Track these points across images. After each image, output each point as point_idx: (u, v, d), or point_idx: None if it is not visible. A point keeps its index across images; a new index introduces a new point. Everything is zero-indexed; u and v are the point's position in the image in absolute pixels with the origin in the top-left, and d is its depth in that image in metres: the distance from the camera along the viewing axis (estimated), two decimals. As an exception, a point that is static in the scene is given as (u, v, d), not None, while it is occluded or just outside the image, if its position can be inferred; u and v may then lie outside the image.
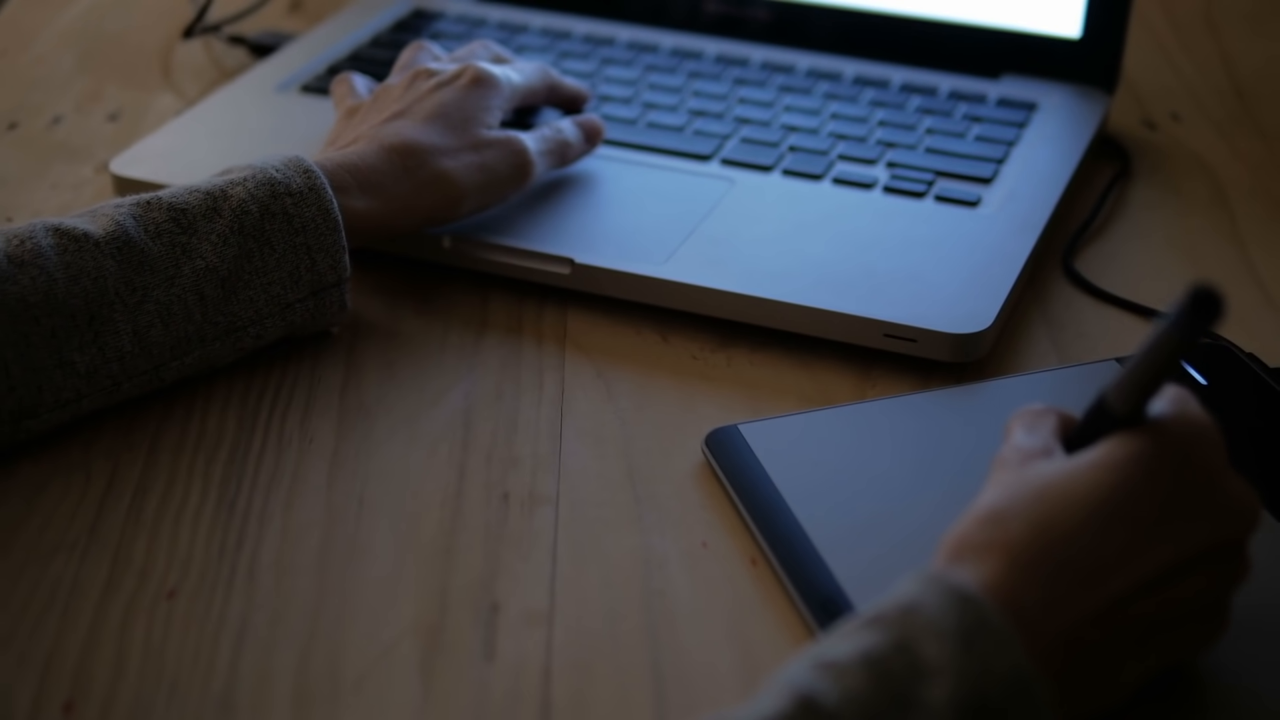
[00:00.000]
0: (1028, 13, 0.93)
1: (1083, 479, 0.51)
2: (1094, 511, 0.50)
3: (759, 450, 0.66)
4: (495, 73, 0.78)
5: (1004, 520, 0.50)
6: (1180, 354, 0.50)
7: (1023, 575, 0.49)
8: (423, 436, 0.68)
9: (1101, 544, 0.50)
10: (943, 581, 0.49)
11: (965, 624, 0.47)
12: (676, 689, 0.56)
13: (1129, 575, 0.50)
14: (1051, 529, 0.50)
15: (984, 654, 0.47)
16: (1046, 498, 0.51)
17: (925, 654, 0.47)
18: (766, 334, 0.74)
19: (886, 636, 0.47)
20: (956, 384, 0.71)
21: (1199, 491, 0.51)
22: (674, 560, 0.62)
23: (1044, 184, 0.83)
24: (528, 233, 0.77)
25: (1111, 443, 0.52)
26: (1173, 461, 0.51)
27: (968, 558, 0.50)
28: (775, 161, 0.84)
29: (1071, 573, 0.49)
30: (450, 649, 0.58)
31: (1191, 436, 0.52)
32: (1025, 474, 0.52)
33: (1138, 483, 0.51)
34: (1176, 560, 0.51)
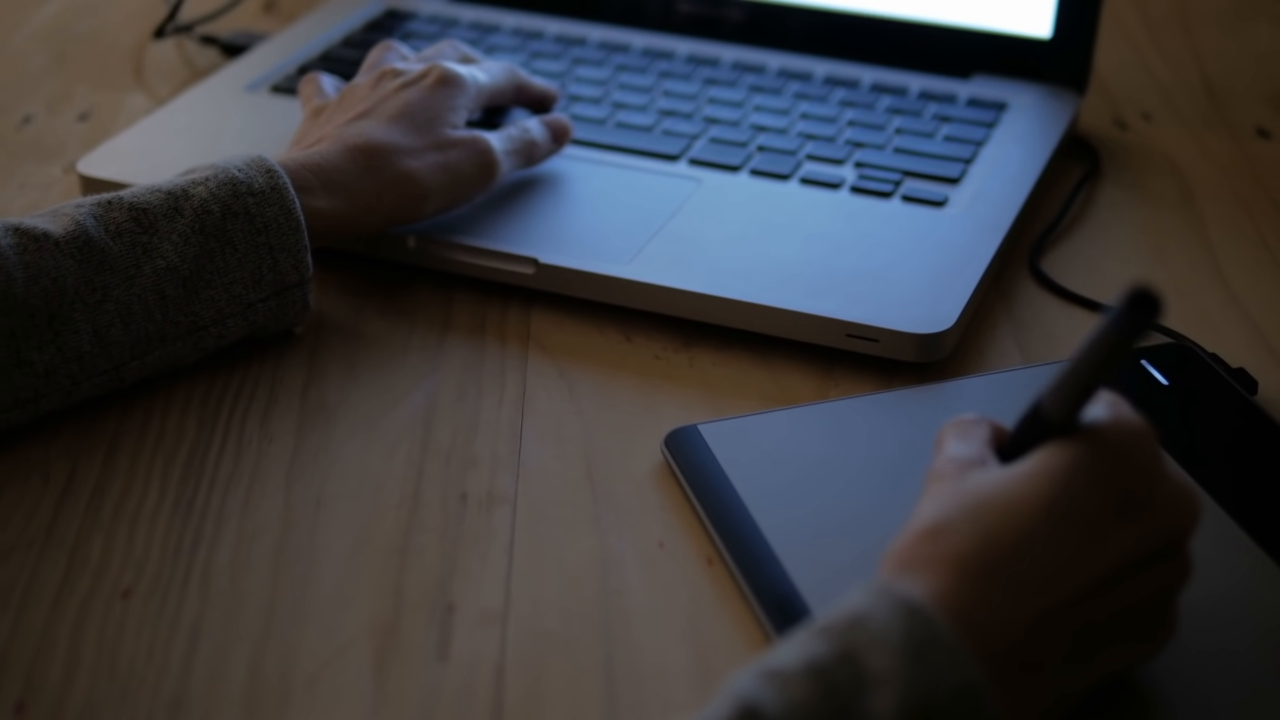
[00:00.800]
0: (999, 13, 0.93)
1: (1024, 488, 0.51)
2: (1039, 521, 0.50)
3: (718, 450, 0.66)
4: (461, 73, 0.78)
5: (948, 533, 0.50)
6: (1117, 359, 0.49)
7: (972, 587, 0.49)
8: (383, 437, 0.68)
9: (1048, 553, 0.49)
10: (891, 593, 0.48)
11: (914, 636, 0.47)
12: (629, 689, 0.56)
13: (1076, 582, 0.50)
14: (998, 540, 0.49)
15: (933, 667, 0.46)
16: (989, 509, 0.50)
17: (872, 665, 0.46)
18: (730, 334, 0.74)
19: (833, 647, 0.47)
20: (919, 384, 0.71)
21: (1139, 494, 0.51)
22: (630, 560, 0.62)
23: (1011, 184, 0.83)
24: (492, 233, 0.77)
25: (1048, 451, 0.51)
26: (1111, 466, 0.51)
27: (914, 570, 0.50)
28: (743, 161, 0.84)
29: (1020, 583, 0.49)
30: (404, 649, 0.58)
31: (1127, 440, 0.52)
32: (963, 485, 0.52)
33: (1078, 490, 0.50)
34: (1121, 564, 0.50)
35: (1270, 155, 0.93)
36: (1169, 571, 0.53)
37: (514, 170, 0.80)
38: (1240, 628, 0.57)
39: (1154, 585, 0.52)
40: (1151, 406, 0.67)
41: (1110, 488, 0.51)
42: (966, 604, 0.49)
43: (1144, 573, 0.51)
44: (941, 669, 0.46)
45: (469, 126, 0.79)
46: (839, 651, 0.47)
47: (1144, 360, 0.71)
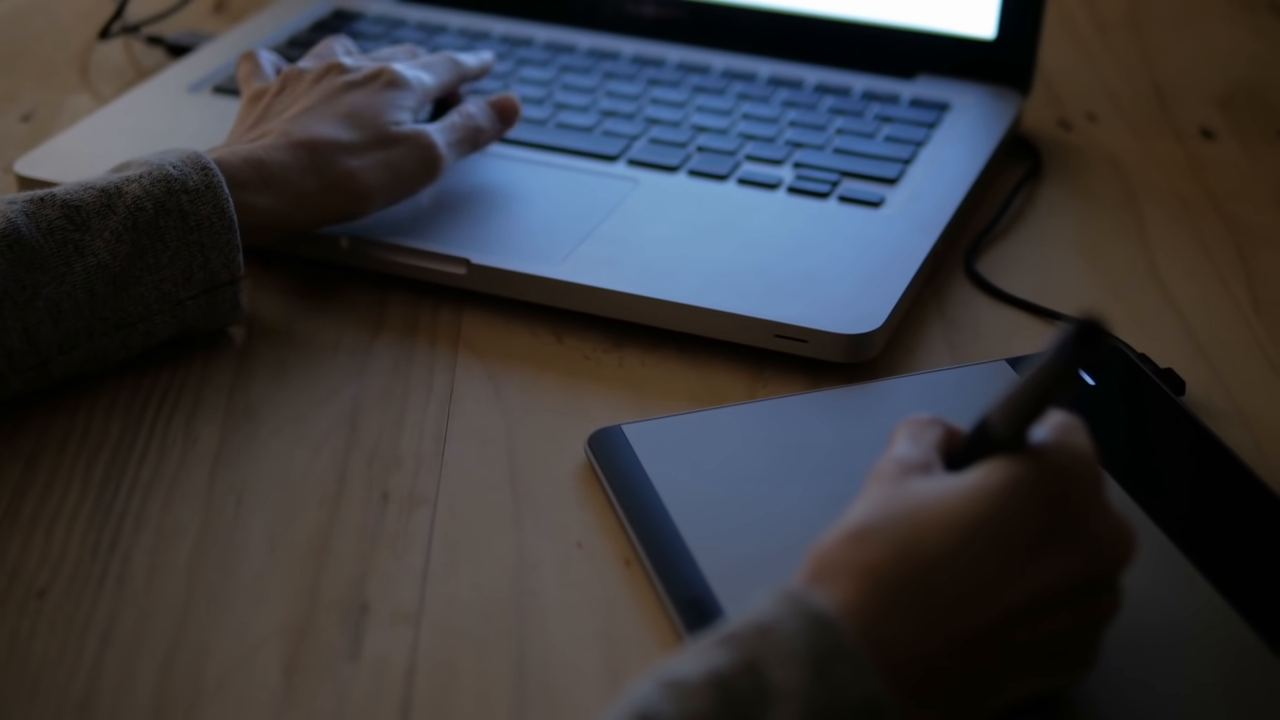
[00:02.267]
0: (943, 13, 0.93)
1: (955, 503, 0.50)
2: (963, 538, 0.49)
3: (640, 450, 0.66)
4: (408, 75, 0.78)
5: (870, 539, 0.49)
6: (1064, 383, 0.49)
7: (884, 600, 0.48)
8: (307, 437, 0.68)
9: (968, 572, 0.48)
10: (800, 602, 0.47)
11: (819, 649, 0.46)
12: (539, 689, 0.56)
13: (995, 606, 0.49)
14: (918, 553, 0.48)
15: (836, 680, 0.46)
16: (916, 519, 0.49)
17: (775, 677, 0.45)
18: (661, 335, 0.74)
19: (737, 657, 0.46)
20: (848, 384, 0.71)
21: (1073, 524, 0.50)
22: (548, 561, 0.62)
23: (948, 185, 0.83)
24: (426, 233, 0.77)
25: (989, 467, 0.50)
26: (1048, 492, 0.50)
27: (829, 577, 0.49)
28: (681, 162, 0.84)
29: (935, 600, 0.48)
30: (316, 650, 0.58)
31: (1070, 468, 0.51)
32: (898, 491, 0.51)
33: (1011, 511, 0.49)
34: (1046, 593, 0.49)
35: (1213, 155, 0.93)
36: (1094, 607, 0.51)
37: (460, 158, 0.80)
38: (1157, 631, 0.57)
39: (1079, 618, 0.51)
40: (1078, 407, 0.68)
41: (1044, 514, 0.50)
42: (878, 617, 0.48)
43: (1071, 605, 0.50)
44: (845, 683, 0.46)
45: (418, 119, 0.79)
46: (742, 662, 0.46)
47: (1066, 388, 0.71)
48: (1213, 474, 0.65)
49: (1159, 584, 0.59)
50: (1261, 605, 0.58)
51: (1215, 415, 0.71)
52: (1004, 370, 0.71)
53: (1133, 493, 0.63)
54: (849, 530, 0.50)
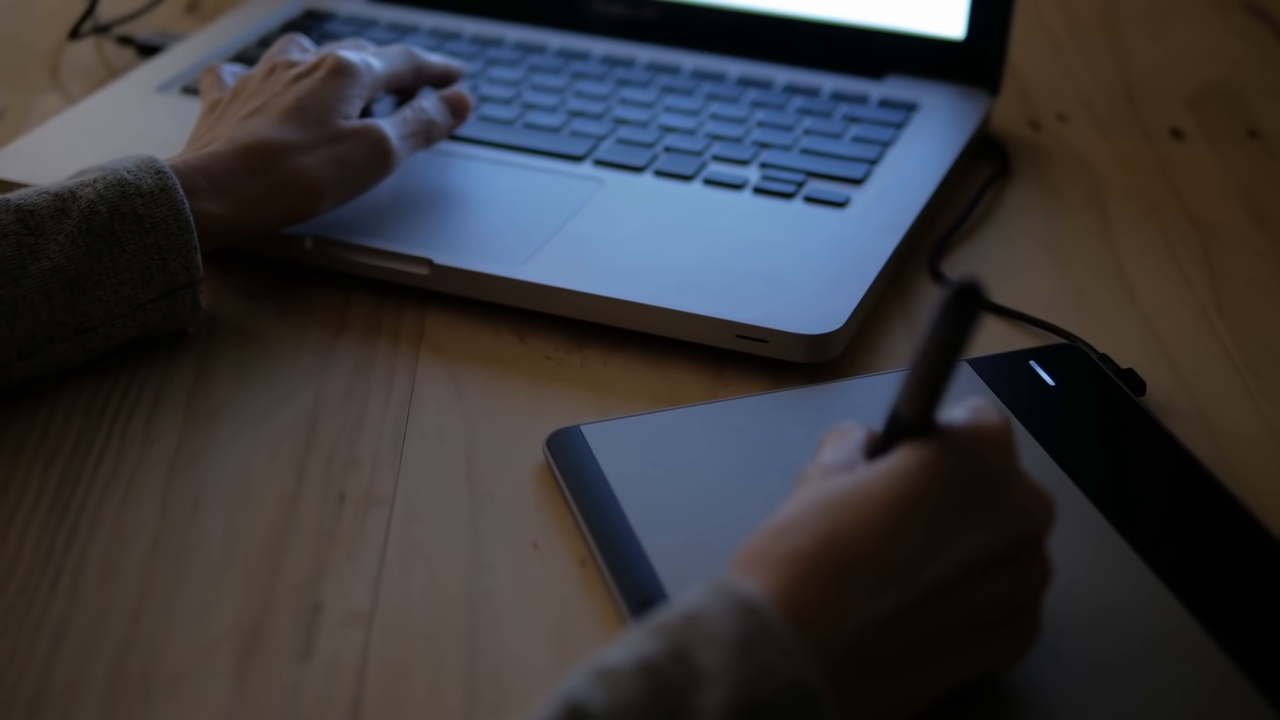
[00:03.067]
0: (912, 14, 0.93)
1: (871, 487, 0.50)
2: (881, 519, 0.49)
3: (598, 451, 0.66)
4: (354, 61, 0.78)
5: (793, 531, 0.50)
6: (952, 354, 0.49)
7: (809, 584, 0.49)
8: (266, 437, 0.68)
9: (889, 551, 0.49)
10: (728, 590, 0.48)
11: (746, 633, 0.47)
12: (489, 690, 0.56)
13: (919, 581, 0.49)
14: (840, 539, 0.49)
15: (764, 663, 0.46)
16: (836, 508, 0.50)
17: (703, 662, 0.46)
18: (624, 335, 0.74)
19: (665, 644, 0.47)
20: (809, 384, 0.71)
21: (988, 494, 0.51)
22: (503, 561, 0.62)
23: (914, 185, 0.83)
24: (389, 233, 0.77)
25: (901, 452, 0.51)
26: (961, 466, 0.51)
27: (756, 568, 0.49)
28: (648, 162, 0.84)
29: (858, 580, 0.49)
30: (268, 649, 0.58)
31: (980, 440, 0.52)
32: (821, 488, 0.52)
33: (926, 488, 0.50)
34: (969, 564, 0.50)
35: (1182, 156, 0.93)
36: (1025, 574, 0.52)
37: (413, 152, 0.80)
38: (1112, 634, 0.57)
39: (1009, 588, 0.51)
40: (1038, 407, 0.68)
41: (959, 488, 0.51)
42: (804, 601, 0.48)
43: (997, 575, 0.51)
44: (773, 665, 0.46)
45: (374, 113, 0.79)
46: (670, 649, 0.47)
47: (1032, 361, 0.71)
48: (1170, 475, 0.65)
49: (1110, 581, 0.59)
50: (1215, 607, 0.58)
51: (1176, 416, 0.71)
52: (965, 371, 0.71)
53: (1089, 493, 0.63)
54: (773, 527, 0.51)
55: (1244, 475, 0.67)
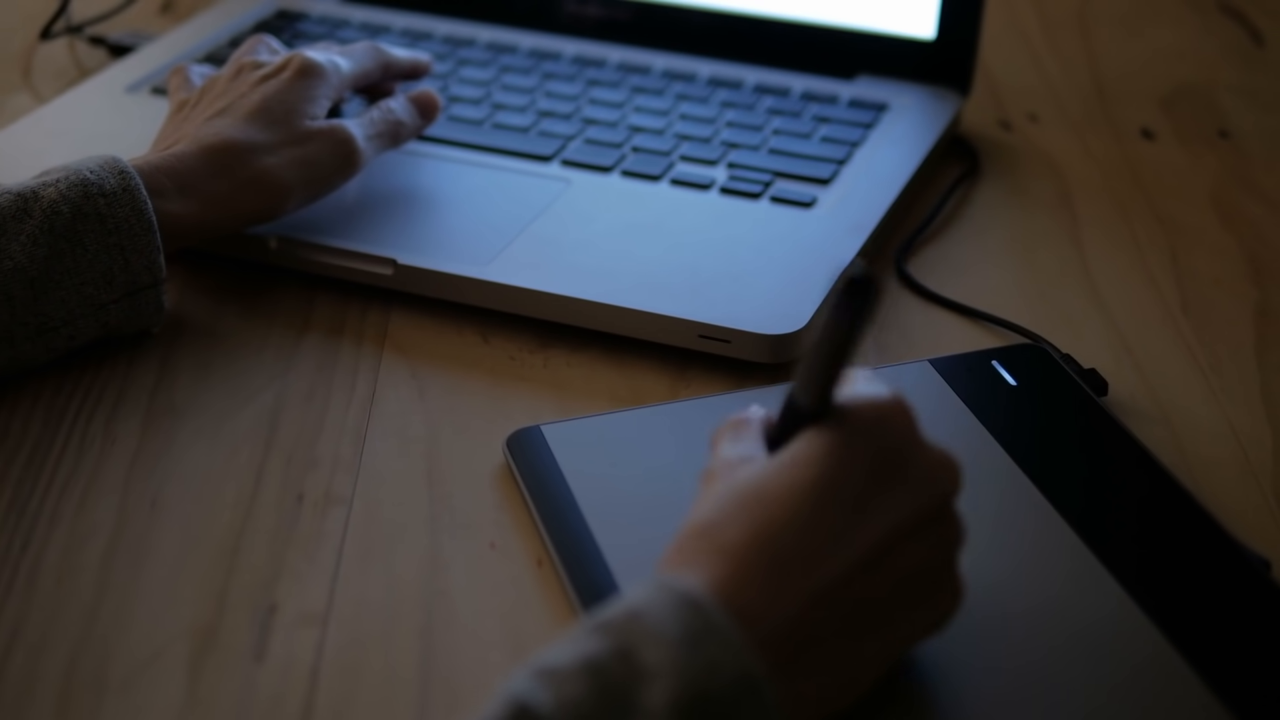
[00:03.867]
0: (883, 14, 0.94)
1: (784, 475, 0.51)
2: (800, 504, 0.50)
3: (558, 451, 0.66)
4: (321, 61, 0.78)
5: (718, 527, 0.51)
6: (849, 342, 0.50)
7: (746, 576, 0.49)
8: (227, 438, 0.68)
9: (813, 533, 0.50)
10: (669, 587, 0.49)
11: (689, 627, 0.47)
12: (441, 690, 0.56)
13: (845, 558, 0.50)
14: (764, 527, 0.50)
15: (709, 655, 0.47)
16: (753, 498, 0.51)
17: (647, 659, 0.46)
18: (587, 335, 0.74)
19: (608, 643, 0.47)
20: (771, 384, 0.71)
21: (894, 464, 0.52)
22: (460, 561, 0.62)
23: (880, 185, 0.83)
24: (354, 233, 0.77)
25: (803, 438, 0.52)
26: (863, 441, 0.52)
27: (690, 565, 0.50)
28: (615, 162, 0.85)
29: (790, 565, 0.50)
30: (222, 650, 0.58)
31: (878, 415, 0.53)
32: (732, 482, 0.53)
33: (834, 468, 0.51)
34: (887, 534, 0.51)
35: (1152, 156, 0.93)
36: (939, 537, 0.53)
37: (380, 153, 0.80)
38: (1068, 636, 0.57)
39: (927, 552, 0.53)
40: (999, 407, 0.68)
41: (864, 463, 0.52)
42: (740, 590, 0.49)
43: (915, 541, 0.52)
44: (717, 657, 0.47)
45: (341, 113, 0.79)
46: (614, 647, 0.47)
47: (994, 361, 0.71)
48: (1130, 475, 0.65)
49: (1066, 581, 0.59)
50: (1172, 608, 0.58)
51: (1138, 416, 0.71)
52: (926, 370, 0.71)
53: (1047, 492, 0.63)
54: (696, 527, 0.51)
55: (1205, 475, 0.67)
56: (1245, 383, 0.73)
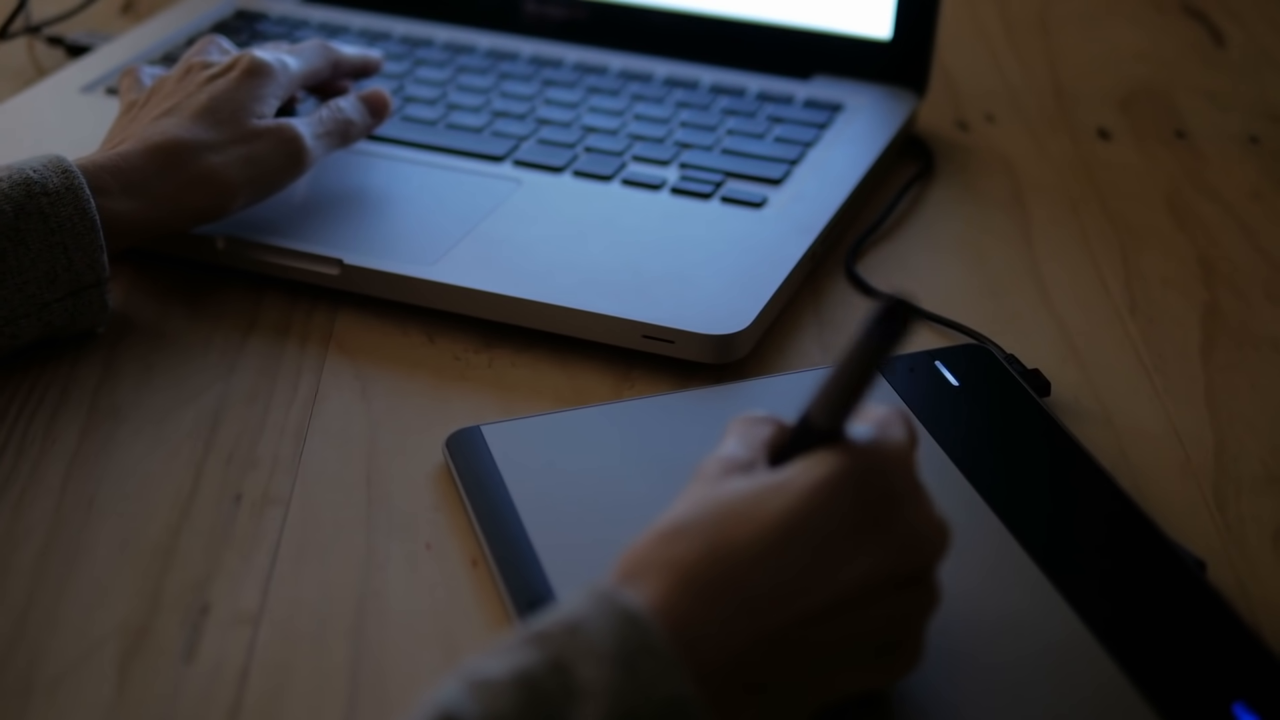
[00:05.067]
0: (839, 14, 0.94)
1: (766, 499, 0.50)
2: (774, 534, 0.49)
3: (497, 451, 0.66)
4: (269, 60, 0.78)
5: (681, 537, 0.49)
6: (874, 366, 0.49)
7: (693, 597, 0.48)
8: (167, 438, 0.68)
9: (779, 568, 0.48)
10: (611, 600, 0.47)
11: (627, 646, 0.46)
12: (371, 690, 0.56)
13: (806, 602, 0.49)
14: (728, 550, 0.48)
15: (644, 678, 0.45)
16: (729, 516, 0.49)
17: (582, 675, 0.45)
18: (533, 336, 0.74)
19: (544, 655, 0.46)
20: (715, 384, 0.71)
21: (883, 518, 0.50)
22: (395, 562, 0.62)
23: (831, 186, 0.83)
24: (302, 233, 0.77)
25: (803, 463, 0.51)
26: (860, 487, 0.50)
27: (641, 575, 0.49)
28: (567, 162, 0.85)
29: (745, 597, 0.48)
30: (152, 650, 0.58)
31: (882, 459, 0.51)
32: (716, 489, 0.51)
33: (819, 507, 0.49)
34: (858, 588, 0.49)
35: (1107, 156, 0.93)
36: (912, 600, 0.51)
37: (329, 152, 0.80)
38: (1002, 640, 0.57)
39: (895, 613, 0.51)
40: (940, 407, 0.68)
41: (853, 510, 0.50)
42: (688, 615, 0.48)
43: (885, 600, 0.50)
44: (651, 680, 0.46)
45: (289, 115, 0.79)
46: (549, 660, 0.46)
47: (937, 361, 0.71)
48: (1067, 476, 0.65)
49: (1000, 582, 0.59)
50: (1106, 612, 0.58)
51: (1081, 417, 0.71)
52: (869, 371, 0.71)
53: (984, 493, 0.63)
54: (662, 529, 0.50)
55: (1145, 475, 0.67)
56: (1190, 383, 0.73)
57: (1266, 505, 0.66)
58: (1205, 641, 0.57)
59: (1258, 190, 0.90)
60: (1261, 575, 0.62)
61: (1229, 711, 0.54)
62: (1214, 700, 0.54)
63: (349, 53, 0.85)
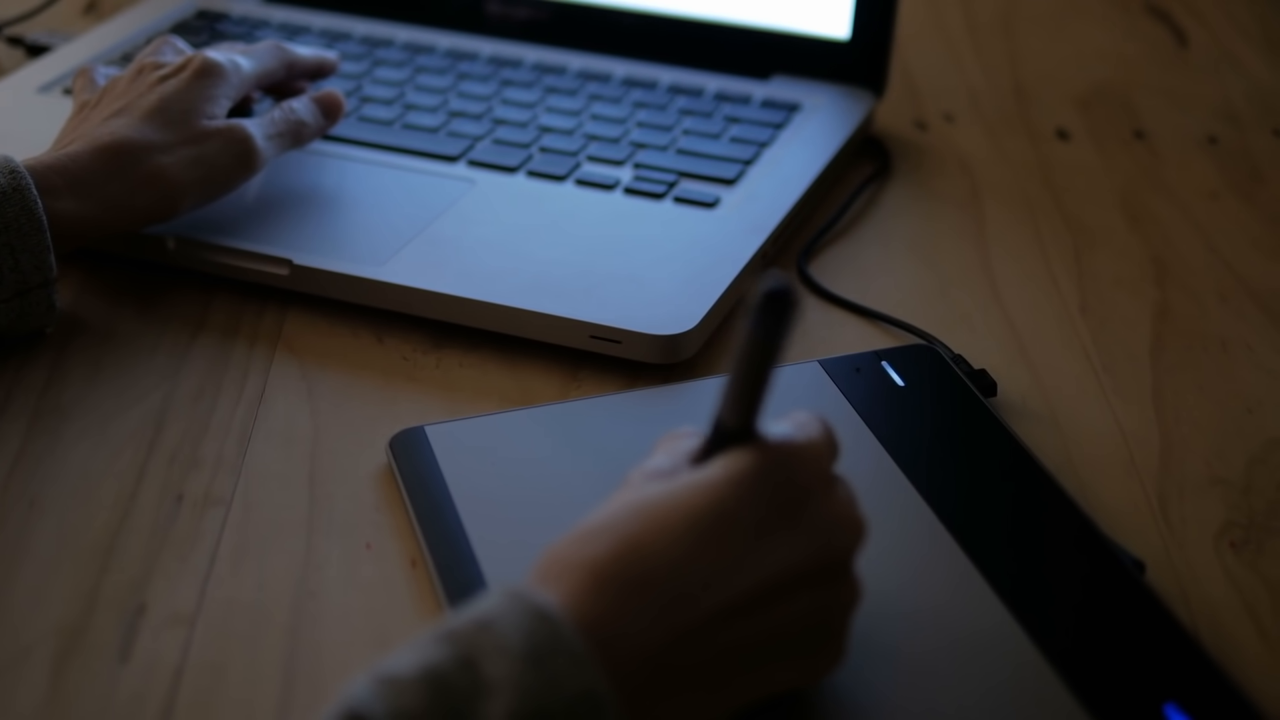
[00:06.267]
0: (798, 14, 0.94)
1: (678, 498, 0.50)
2: (685, 532, 0.49)
3: (440, 452, 0.66)
4: (221, 61, 0.78)
5: (596, 538, 0.49)
6: (769, 357, 0.49)
7: (605, 594, 0.48)
8: (112, 438, 0.68)
9: (690, 564, 0.49)
10: (523, 598, 0.48)
11: (536, 643, 0.46)
12: (304, 690, 0.56)
13: (720, 598, 0.49)
14: (640, 548, 0.49)
15: (553, 673, 0.46)
16: (643, 517, 0.49)
17: (490, 672, 0.46)
18: (483, 336, 0.74)
19: (452, 652, 0.46)
20: (662, 385, 0.71)
21: (795, 512, 0.50)
22: (334, 562, 0.62)
23: (785, 186, 0.83)
24: (252, 234, 0.77)
25: (715, 462, 0.51)
26: (770, 482, 0.50)
27: (556, 575, 0.49)
28: (521, 162, 0.85)
29: (656, 593, 0.48)
30: (87, 650, 0.58)
31: (793, 455, 0.51)
32: (634, 494, 0.51)
33: (730, 503, 0.49)
34: (771, 583, 0.49)
35: (1064, 156, 0.93)
36: (829, 594, 0.51)
37: (281, 153, 0.80)
38: (939, 639, 0.57)
39: (812, 607, 0.51)
40: (885, 408, 0.68)
41: (764, 505, 0.50)
42: (600, 612, 0.48)
43: (800, 594, 0.50)
44: (561, 676, 0.46)
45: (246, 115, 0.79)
46: (458, 657, 0.46)
47: (884, 361, 0.71)
48: (1009, 476, 0.65)
49: (939, 583, 0.59)
50: (1041, 613, 0.58)
51: (1027, 417, 0.71)
52: (816, 371, 0.71)
53: (925, 494, 0.63)
54: (580, 532, 0.50)
55: (1089, 475, 0.67)
56: (1137, 383, 0.73)
57: (1209, 506, 0.66)
58: (1139, 641, 0.57)
59: (1214, 190, 0.90)
60: (1200, 576, 0.62)
61: (1160, 712, 0.54)
62: (1145, 700, 0.55)
63: (304, 53, 0.85)
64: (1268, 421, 0.71)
